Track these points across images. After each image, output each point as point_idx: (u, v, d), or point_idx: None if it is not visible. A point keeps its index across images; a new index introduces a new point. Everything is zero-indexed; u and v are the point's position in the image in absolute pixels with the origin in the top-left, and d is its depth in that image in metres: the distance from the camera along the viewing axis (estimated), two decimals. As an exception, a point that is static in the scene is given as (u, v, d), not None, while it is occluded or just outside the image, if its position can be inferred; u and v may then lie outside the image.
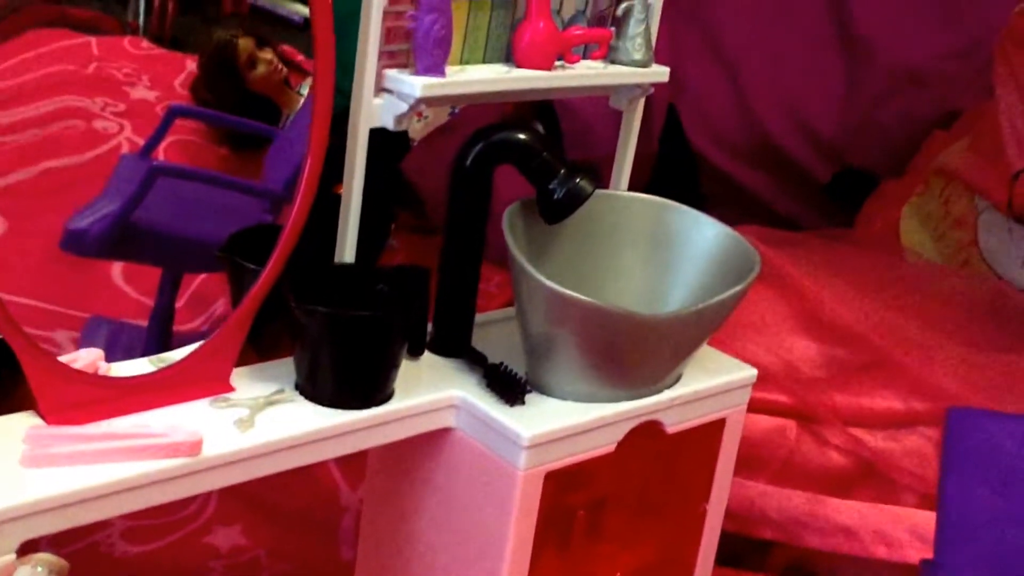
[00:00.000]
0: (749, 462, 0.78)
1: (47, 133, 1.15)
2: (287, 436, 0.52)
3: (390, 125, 0.56)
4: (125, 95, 1.25)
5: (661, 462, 0.66)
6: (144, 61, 1.38)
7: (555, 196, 0.60)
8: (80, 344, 0.90)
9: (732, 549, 0.84)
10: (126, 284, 0.97)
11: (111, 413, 0.49)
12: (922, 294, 0.89)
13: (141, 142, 1.02)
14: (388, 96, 0.56)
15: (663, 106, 1.29)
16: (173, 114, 0.82)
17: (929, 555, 0.54)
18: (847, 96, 1.24)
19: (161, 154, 1.05)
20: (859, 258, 0.95)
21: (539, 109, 1.29)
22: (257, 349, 0.58)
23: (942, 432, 0.53)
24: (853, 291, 0.91)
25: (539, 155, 0.60)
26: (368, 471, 0.66)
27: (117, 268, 0.98)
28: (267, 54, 1.13)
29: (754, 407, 0.78)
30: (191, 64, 1.31)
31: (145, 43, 1.48)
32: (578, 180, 0.60)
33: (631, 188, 1.29)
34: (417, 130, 1.25)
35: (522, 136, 0.60)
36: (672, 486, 0.68)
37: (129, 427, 0.48)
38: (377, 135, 0.57)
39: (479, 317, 0.66)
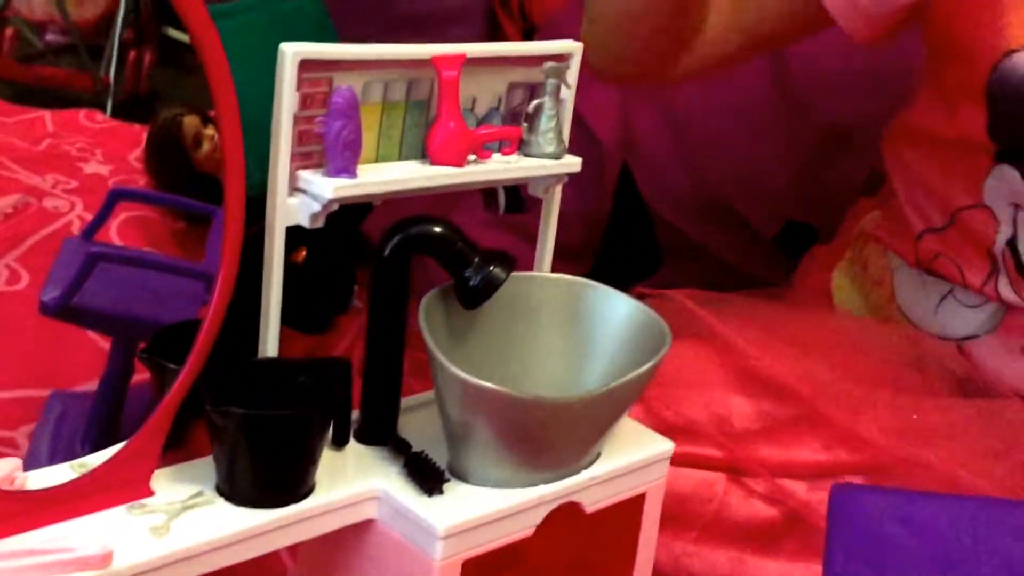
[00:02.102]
0: (679, 518, 0.79)
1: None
2: (202, 541, 0.53)
3: (305, 224, 0.58)
4: (78, 171, 1.25)
5: (582, 541, 0.67)
6: (99, 135, 1.39)
7: (471, 283, 0.62)
8: (36, 426, 0.90)
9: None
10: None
11: (27, 527, 0.50)
12: (851, 348, 0.91)
13: (83, 215, 1.03)
14: (302, 196, 0.57)
15: (616, 165, 1.31)
16: (114, 197, 0.83)
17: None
18: (787, 154, 1.27)
19: (114, 232, 1.07)
20: (794, 316, 0.97)
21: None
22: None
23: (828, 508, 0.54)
24: (787, 348, 0.92)
25: (454, 245, 0.62)
26: (295, 563, 0.67)
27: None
28: (212, 131, 1.14)
29: (686, 462, 0.79)
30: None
31: (100, 116, 1.49)
32: (492, 267, 0.62)
33: (586, 247, 1.32)
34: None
35: (437, 229, 0.62)
36: (595, 563, 0.69)
37: (41, 542, 0.49)
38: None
39: (413, 399, 0.68)
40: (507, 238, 1.25)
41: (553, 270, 1.10)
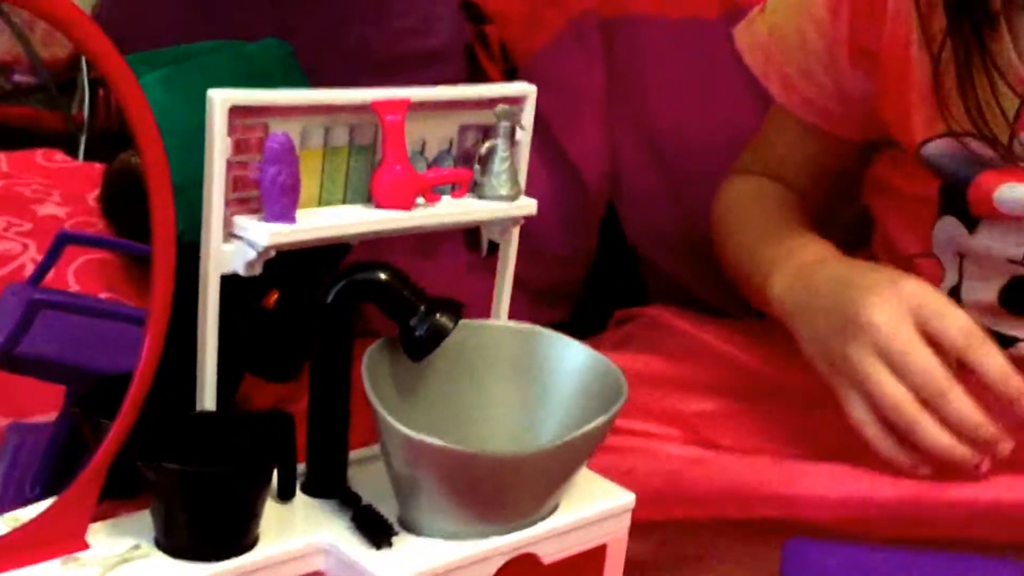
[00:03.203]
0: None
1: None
2: (135, 597, 0.51)
3: (241, 271, 0.57)
4: (32, 213, 1.21)
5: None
6: (56, 175, 1.35)
7: (416, 333, 0.60)
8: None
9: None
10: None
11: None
12: None
13: (38, 257, 0.99)
14: (238, 242, 0.56)
15: (602, 204, 1.30)
16: (62, 241, 0.81)
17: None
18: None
19: (71, 276, 1.03)
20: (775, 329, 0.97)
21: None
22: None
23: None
24: (769, 350, 0.95)
25: (399, 293, 0.60)
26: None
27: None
28: None
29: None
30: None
31: (59, 156, 1.44)
32: (438, 316, 0.60)
33: (569, 282, 1.30)
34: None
35: (382, 275, 0.61)
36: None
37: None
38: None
39: (364, 451, 0.66)
40: (490, 282, 1.24)
41: (534, 312, 1.09)
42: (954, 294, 0.86)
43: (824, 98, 0.93)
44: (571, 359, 0.65)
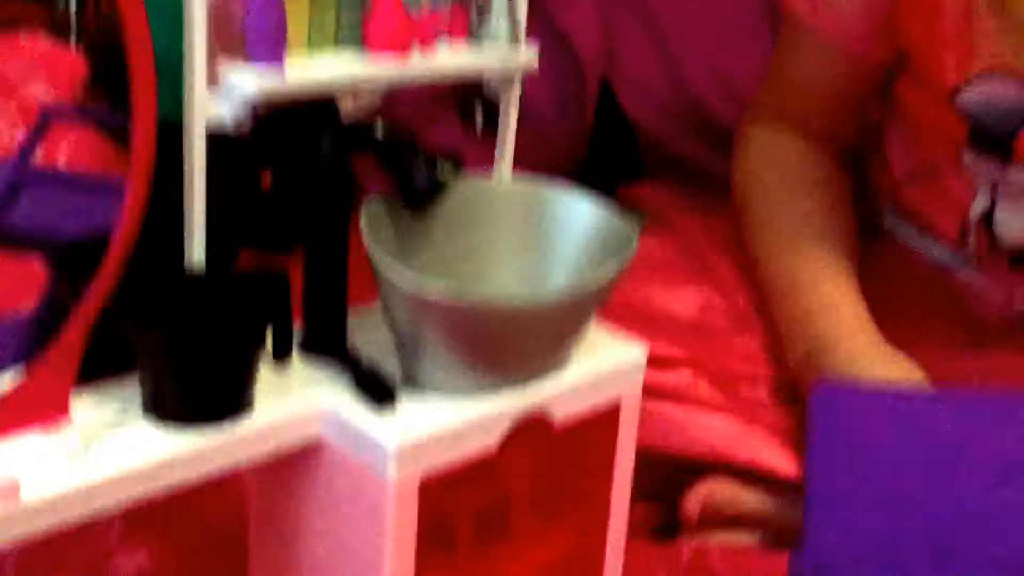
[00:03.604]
0: None
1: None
2: (126, 465, 0.48)
3: (228, 123, 0.53)
4: (18, 95, 1.18)
5: (555, 454, 0.63)
6: (42, 59, 1.31)
7: (415, 183, 0.57)
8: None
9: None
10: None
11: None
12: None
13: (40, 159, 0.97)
14: (223, 90, 0.52)
15: (597, 79, 1.26)
16: (48, 116, 0.77)
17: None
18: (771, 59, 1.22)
19: (63, 154, 1.00)
20: None
21: (473, 89, 1.26)
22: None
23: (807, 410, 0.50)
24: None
25: (396, 142, 0.57)
26: (249, 490, 0.62)
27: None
28: None
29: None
30: (93, 61, 1.25)
31: (44, 39, 1.41)
32: (439, 166, 0.57)
33: (566, 161, 1.27)
34: (352, 109, 1.21)
35: (377, 124, 0.57)
36: (571, 477, 0.65)
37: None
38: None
39: (364, 309, 0.63)
40: (486, 158, 1.20)
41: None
42: (987, 220, 0.82)
43: (850, 15, 0.88)
44: (579, 214, 0.62)
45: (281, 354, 0.57)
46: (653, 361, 0.65)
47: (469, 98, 1.19)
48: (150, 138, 0.48)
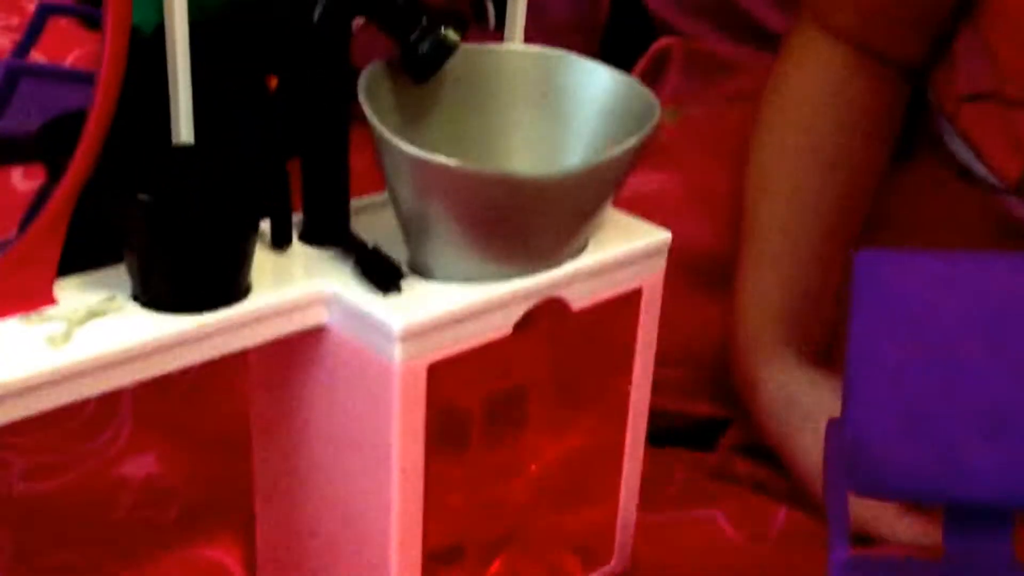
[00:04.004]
0: None
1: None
2: (110, 350, 0.45)
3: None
4: (21, 9, 1.15)
5: (572, 342, 0.59)
6: None
7: (419, 50, 0.53)
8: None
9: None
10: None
11: None
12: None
13: (35, 55, 0.93)
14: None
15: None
16: (44, 11, 0.74)
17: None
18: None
19: (58, 54, 0.97)
20: None
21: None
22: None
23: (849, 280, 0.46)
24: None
25: (396, 3, 0.52)
26: (250, 382, 0.59)
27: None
28: None
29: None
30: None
31: None
32: (443, 29, 0.53)
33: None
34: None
35: (374, -15, 0.52)
36: (590, 367, 0.61)
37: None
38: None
39: (367, 200, 0.60)
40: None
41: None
42: None
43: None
44: (595, 82, 0.58)
45: (281, 242, 0.54)
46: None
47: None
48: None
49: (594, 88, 0.58)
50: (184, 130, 0.50)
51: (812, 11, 0.84)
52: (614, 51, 1.24)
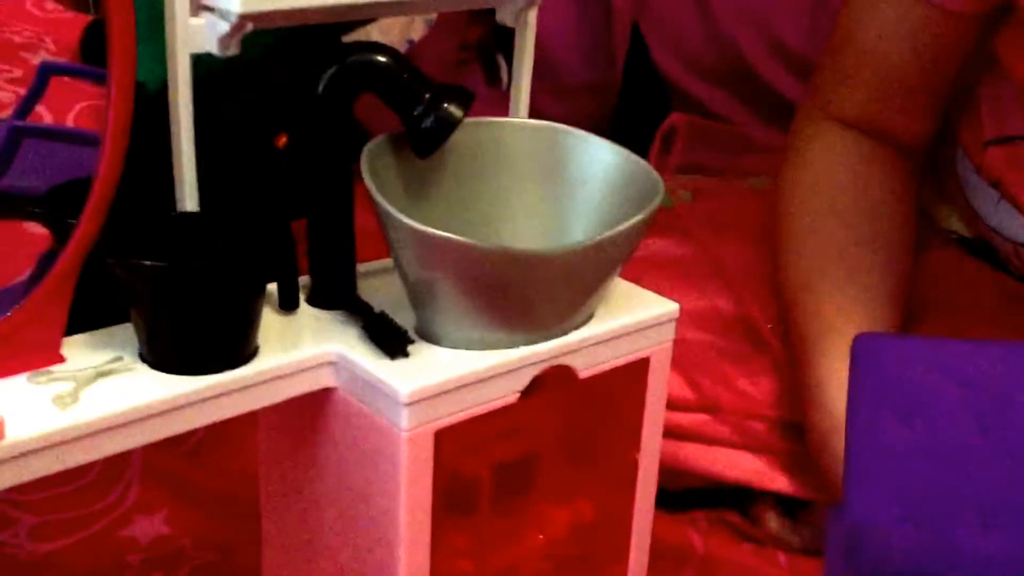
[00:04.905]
0: None
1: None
2: (117, 411, 0.45)
3: (214, 49, 0.49)
4: (23, 60, 1.16)
5: (580, 410, 0.59)
6: (48, 24, 1.29)
7: (423, 124, 0.53)
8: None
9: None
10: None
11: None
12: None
13: (38, 109, 0.95)
14: (208, 14, 0.49)
15: (627, 27, 1.21)
16: (46, 72, 0.75)
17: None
18: (813, 11, 1.17)
19: (71, 121, 0.98)
20: None
21: (500, 35, 1.21)
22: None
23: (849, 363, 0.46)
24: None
25: (400, 78, 0.53)
26: (259, 444, 0.59)
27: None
28: None
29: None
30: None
31: (51, 4, 1.39)
32: (446, 104, 0.53)
33: (595, 119, 1.22)
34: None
35: (381, 58, 0.53)
36: (598, 435, 0.61)
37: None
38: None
39: (372, 265, 0.60)
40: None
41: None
42: None
43: None
44: (600, 158, 0.58)
45: (288, 305, 0.54)
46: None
47: (492, 54, 1.15)
48: (129, 64, 0.45)
49: (598, 163, 0.58)
50: (188, 191, 0.51)
51: (820, 105, 0.84)
52: (628, 114, 1.25)
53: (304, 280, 0.56)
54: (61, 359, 0.47)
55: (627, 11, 1.17)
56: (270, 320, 0.53)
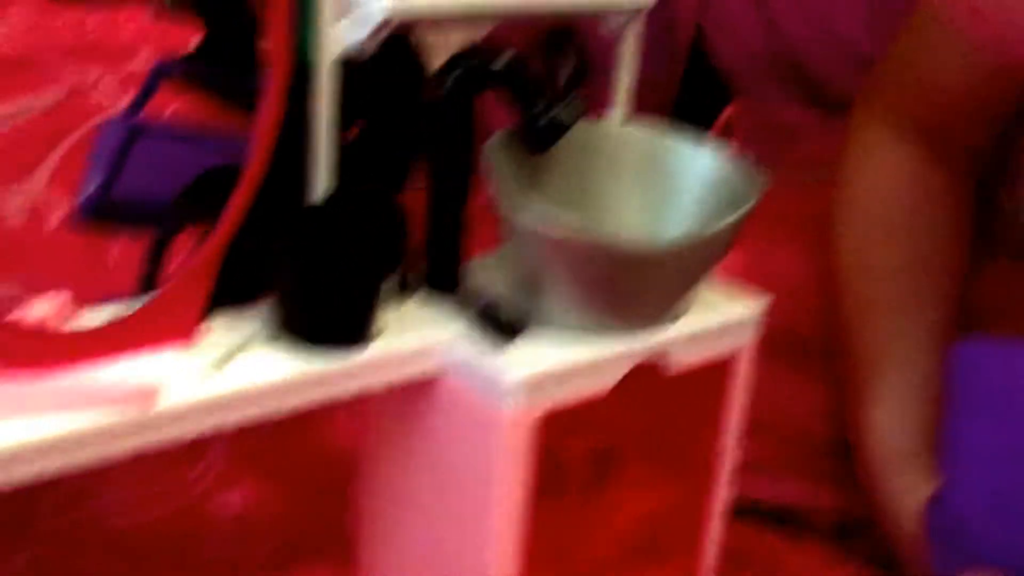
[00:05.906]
0: None
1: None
2: (254, 383, 0.49)
3: (358, 47, 0.52)
4: (126, 66, 1.20)
5: (665, 404, 0.62)
6: (151, 30, 1.33)
7: (539, 123, 0.56)
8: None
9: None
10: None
11: (71, 363, 0.46)
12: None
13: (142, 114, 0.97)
14: (351, 18, 0.52)
15: (690, 27, 1.22)
16: (159, 74, 0.76)
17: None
18: (875, 8, 1.17)
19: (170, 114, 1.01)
20: None
21: (562, 35, 1.23)
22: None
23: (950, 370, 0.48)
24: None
25: (521, 79, 0.56)
26: (367, 425, 0.63)
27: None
28: None
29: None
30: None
31: (152, 8, 1.43)
32: (562, 106, 0.56)
33: (655, 114, 1.24)
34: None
35: (503, 60, 0.56)
36: (680, 431, 0.64)
37: (84, 379, 0.45)
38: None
39: (481, 259, 0.63)
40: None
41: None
42: None
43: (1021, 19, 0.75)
44: (700, 161, 0.61)
45: (405, 289, 0.57)
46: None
47: (553, 58, 1.17)
48: (286, 63, 0.48)
49: (698, 165, 0.61)
50: (321, 191, 0.54)
51: (879, 112, 0.86)
52: (688, 109, 1.27)
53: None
54: (200, 336, 0.51)
55: (690, 12, 1.19)
56: (390, 306, 0.56)
